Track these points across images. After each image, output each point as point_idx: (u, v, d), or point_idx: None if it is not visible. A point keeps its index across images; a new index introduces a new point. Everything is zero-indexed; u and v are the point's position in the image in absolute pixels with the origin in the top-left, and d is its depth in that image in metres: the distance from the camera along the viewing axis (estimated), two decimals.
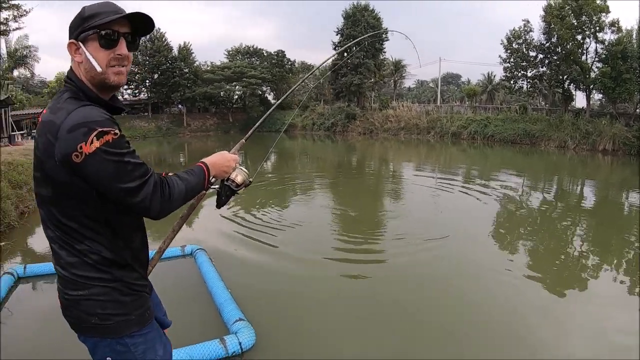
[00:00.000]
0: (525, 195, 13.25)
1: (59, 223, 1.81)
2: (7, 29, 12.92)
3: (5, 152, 17.32)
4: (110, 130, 1.64)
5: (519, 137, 34.68)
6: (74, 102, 1.72)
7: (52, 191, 1.76)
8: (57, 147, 1.63)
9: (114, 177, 1.66)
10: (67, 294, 1.88)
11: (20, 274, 6.61)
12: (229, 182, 2.34)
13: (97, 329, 1.88)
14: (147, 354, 1.97)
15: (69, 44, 1.81)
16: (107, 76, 1.81)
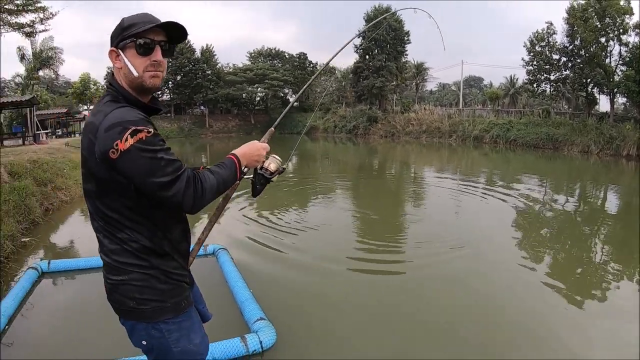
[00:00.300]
0: (548, 200, 13.07)
1: (103, 214, 1.96)
2: (33, 31, 13.13)
3: (30, 150, 17.64)
4: (143, 128, 1.78)
5: (542, 142, 34.12)
6: (112, 105, 1.87)
7: (95, 186, 1.92)
8: (97, 146, 1.78)
9: (148, 172, 1.78)
10: (110, 279, 2.05)
11: (45, 269, 6.76)
12: (262, 170, 2.42)
13: (134, 313, 2.03)
14: (180, 341, 2.10)
15: (110, 52, 1.98)
16: (143, 80, 1.97)
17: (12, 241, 7.99)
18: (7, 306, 5.36)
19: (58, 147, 20.63)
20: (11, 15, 11.69)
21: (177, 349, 2.10)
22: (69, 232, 10.11)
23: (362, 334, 5.11)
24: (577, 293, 6.24)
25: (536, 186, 15.94)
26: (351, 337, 5.01)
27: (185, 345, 2.12)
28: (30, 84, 44.71)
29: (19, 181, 10.86)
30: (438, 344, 4.82)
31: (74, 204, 12.93)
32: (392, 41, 51.92)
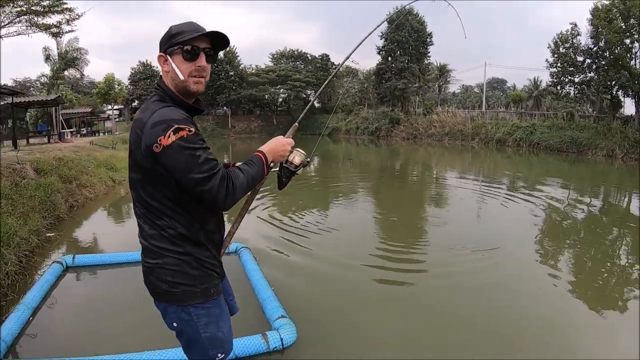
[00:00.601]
0: (571, 205, 12.82)
1: (145, 202, 2.14)
2: (59, 32, 13.36)
3: (56, 148, 17.93)
4: (185, 127, 1.94)
5: (566, 145, 33.46)
6: (159, 104, 2.07)
7: (140, 176, 2.10)
8: (143, 140, 1.96)
9: (186, 167, 1.94)
10: (146, 262, 2.22)
11: (69, 264, 6.87)
12: (287, 164, 2.54)
13: (166, 295, 2.19)
14: (208, 326, 2.24)
15: (159, 57, 2.18)
16: (188, 84, 2.15)
17: (37, 236, 8.13)
18: (31, 298, 5.46)
19: (83, 146, 20.92)
20: (38, 16, 11.89)
21: (205, 334, 2.23)
22: (92, 228, 10.25)
23: (383, 334, 5.11)
24: (599, 302, 6.08)
25: (559, 190, 15.63)
26: (371, 338, 5.02)
27: (213, 331, 2.26)
28: (56, 84, 45.39)
29: (44, 178, 11.03)
30: (458, 348, 4.79)
31: (98, 201, 13.11)
32: (414, 43, 51.69)
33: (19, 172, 10.34)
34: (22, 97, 26.11)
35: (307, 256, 7.85)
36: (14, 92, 22.12)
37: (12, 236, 7.11)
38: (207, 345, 2.26)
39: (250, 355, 4.37)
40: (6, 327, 4.73)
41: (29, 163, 11.56)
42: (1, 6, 10.55)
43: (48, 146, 20.66)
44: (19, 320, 4.93)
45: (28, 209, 8.74)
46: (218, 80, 63.27)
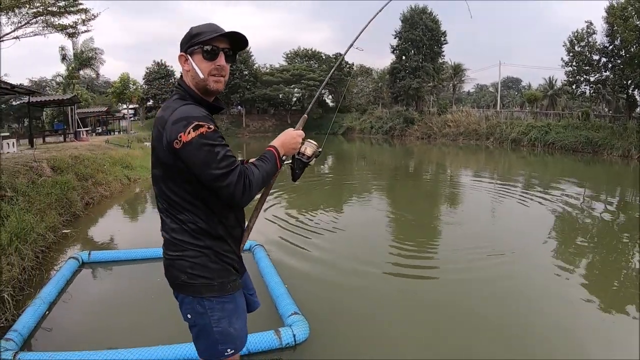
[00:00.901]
0: (586, 206, 12.62)
1: (167, 197, 2.20)
2: (75, 32, 13.50)
3: (72, 147, 18.15)
4: (205, 124, 2.00)
5: (581, 145, 32.94)
6: (180, 102, 2.15)
7: (162, 171, 2.16)
8: (164, 136, 2.03)
9: (204, 163, 2.00)
10: (167, 254, 2.28)
11: (85, 260, 7.00)
12: (299, 155, 2.58)
13: (184, 287, 2.24)
14: (221, 321, 2.26)
15: (180, 56, 2.25)
16: (207, 83, 2.22)
17: (53, 232, 8.25)
18: (47, 293, 5.55)
19: (98, 144, 21.09)
20: (54, 17, 12.03)
21: (217, 328, 2.26)
22: (108, 225, 10.36)
23: (395, 333, 5.12)
24: (613, 307, 5.97)
25: (574, 191, 15.36)
26: (383, 337, 5.03)
27: (225, 327, 2.27)
28: (72, 83, 45.76)
29: (61, 176, 11.16)
30: (471, 349, 4.78)
31: (113, 198, 13.25)
32: (428, 42, 51.49)
33: (36, 170, 10.46)
34: (38, 97, 26.38)
35: (321, 254, 7.87)
36: (30, 92, 22.37)
37: (29, 232, 7.22)
38: (218, 340, 2.28)
39: (263, 350, 4.41)
40: (22, 320, 4.81)
41: (46, 161, 11.69)
42: (18, 7, 10.68)
43: (64, 145, 20.89)
44: (35, 314, 5.02)
45: (45, 206, 8.86)
46: (232, 80, 63.45)
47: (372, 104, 67.35)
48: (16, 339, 4.42)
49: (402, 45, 52.52)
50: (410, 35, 51.01)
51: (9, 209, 7.56)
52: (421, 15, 50.89)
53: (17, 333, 4.52)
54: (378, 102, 67.05)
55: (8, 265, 6.04)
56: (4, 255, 6.15)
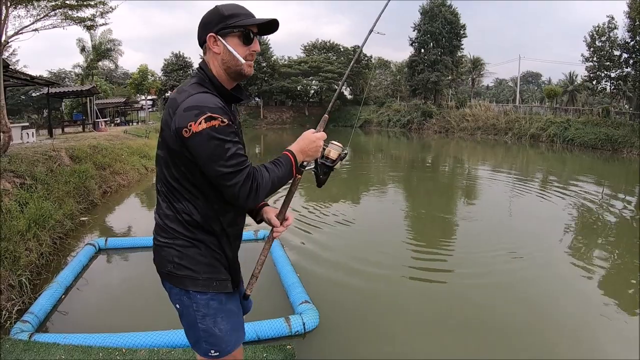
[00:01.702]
0: (605, 205, 12.33)
1: (166, 181, 2.09)
2: (94, 24, 13.58)
3: (90, 137, 18.36)
4: (218, 117, 1.87)
5: (600, 142, 32.21)
6: (197, 88, 1.99)
7: (166, 154, 2.03)
8: (174, 121, 1.91)
9: (211, 157, 1.88)
10: (157, 239, 2.17)
11: (102, 246, 7.17)
12: (323, 159, 2.37)
13: (170, 276, 2.14)
14: (205, 319, 2.14)
15: (209, 37, 2.03)
16: (243, 67, 2.09)
17: (71, 219, 8.38)
18: (64, 278, 5.69)
19: (117, 135, 21.30)
20: (72, 10, 12.12)
21: (201, 325, 2.15)
22: (124, 213, 10.51)
23: (403, 326, 5.16)
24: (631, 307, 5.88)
25: (593, 189, 15.12)
26: (392, 327, 5.07)
27: (209, 325, 2.15)
28: (90, 74, 46.12)
29: (79, 165, 11.32)
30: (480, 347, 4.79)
31: (130, 187, 13.42)
32: (447, 35, 50.98)
33: (55, 159, 10.62)
34: (57, 88, 26.62)
35: (335, 246, 7.92)
36: (49, 83, 22.58)
37: (47, 219, 7.36)
38: (202, 337, 2.17)
39: (273, 337, 4.49)
40: (39, 303, 4.94)
41: (64, 150, 11.87)
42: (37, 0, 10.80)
43: (83, 135, 21.10)
44: (51, 297, 5.15)
45: (63, 194, 9.02)
46: None
47: (390, 97, 67.10)
48: (32, 321, 4.55)
49: (421, 38, 52.10)
50: (429, 28, 50.58)
51: (28, 196, 7.71)
52: (440, 8, 50.42)
53: (34, 315, 4.64)
54: (396, 95, 66.82)
55: (26, 250, 6.18)
56: (23, 241, 6.28)
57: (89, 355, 3.92)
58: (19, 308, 4.99)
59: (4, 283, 5.23)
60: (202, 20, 2.06)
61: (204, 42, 2.07)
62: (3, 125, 9.86)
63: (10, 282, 5.32)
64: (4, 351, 3.89)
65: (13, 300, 5.07)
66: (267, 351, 4.13)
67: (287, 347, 4.21)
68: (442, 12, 50.34)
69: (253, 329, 4.40)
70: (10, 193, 7.52)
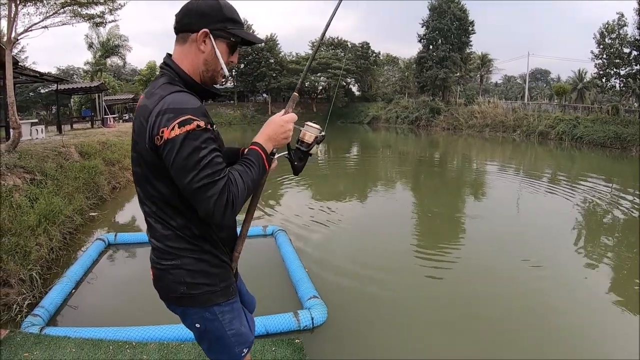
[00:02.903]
0: (613, 204, 12.20)
1: (155, 200, 1.88)
2: (102, 21, 13.58)
3: (99, 133, 18.44)
4: (194, 120, 1.66)
5: (609, 141, 31.87)
6: (168, 88, 1.77)
7: (147, 170, 1.82)
8: (147, 130, 1.70)
9: (183, 168, 1.66)
10: (160, 264, 1.96)
11: (111, 241, 7.24)
12: (298, 144, 2.15)
13: (184, 298, 1.96)
14: (233, 323, 2.06)
15: (203, 32, 1.83)
16: (219, 75, 1.94)
17: (81, 215, 8.44)
18: (74, 272, 5.74)
19: (125, 131, 21.37)
20: (82, 7, 12.14)
21: (231, 331, 2.06)
22: (133, 209, 10.56)
23: (411, 321, 5.21)
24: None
25: (601, 188, 14.93)
26: (399, 323, 5.11)
27: (238, 327, 2.09)
28: (99, 70, 46.33)
29: (88, 161, 11.38)
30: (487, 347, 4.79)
31: None
32: (456, 31, 50.74)
33: (64, 155, 10.67)
34: (66, 84, 26.72)
35: (342, 242, 7.98)
36: (58, 80, 22.67)
37: (58, 214, 7.42)
38: (234, 343, 2.08)
39: (282, 332, 4.52)
40: (49, 297, 4.99)
41: (74, 146, 11.93)
42: None
43: (92, 131, 21.20)
44: (62, 292, 5.20)
45: (73, 189, 9.08)
46: (259, 68, 63.75)
47: (398, 93, 66.95)
48: (43, 315, 4.60)
49: (430, 35, 51.89)
50: (437, 25, 50.36)
51: (38, 192, 7.75)
52: (449, 4, 50.22)
53: (44, 309, 4.69)
54: (404, 92, 66.64)
55: (37, 245, 6.24)
56: (33, 236, 6.33)
57: (99, 348, 3.95)
58: (29, 302, 5.04)
59: (14, 277, 5.29)
60: (198, 8, 1.85)
61: (190, 31, 1.86)
62: (13, 122, 9.93)
63: (21, 276, 5.37)
64: (15, 344, 3.93)
65: (24, 295, 5.12)
66: (276, 345, 4.15)
67: (296, 342, 4.24)
68: (450, 9, 50.11)
69: (262, 324, 4.44)
70: (21, 189, 7.58)
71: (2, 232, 5.87)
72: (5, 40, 9.91)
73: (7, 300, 4.96)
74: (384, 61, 71.91)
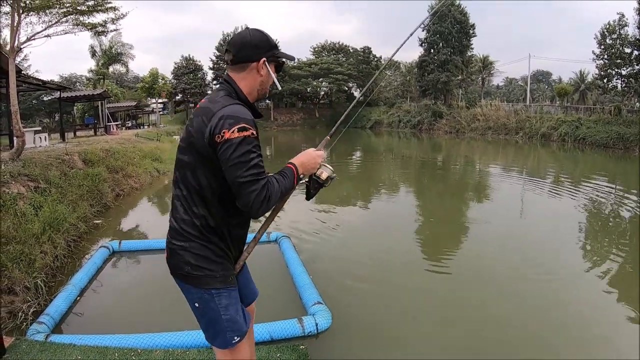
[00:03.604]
0: (617, 204, 12.16)
1: (190, 185, 2.21)
2: (104, 30, 13.62)
3: (102, 140, 18.50)
4: (250, 129, 2.06)
5: (612, 141, 31.76)
6: (230, 100, 2.18)
7: (193, 159, 2.17)
8: (208, 128, 2.07)
9: (237, 164, 2.02)
10: (172, 243, 2.30)
11: (116, 249, 7.25)
12: (316, 176, 2.55)
13: (187, 278, 2.28)
14: (229, 309, 2.31)
15: (263, 61, 2.28)
16: (269, 90, 2.44)
17: (85, 222, 8.47)
18: (79, 280, 5.75)
19: (128, 138, 21.45)
20: (83, 16, 12.17)
21: (225, 316, 2.31)
22: (137, 216, 10.60)
23: (415, 326, 5.19)
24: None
25: (605, 189, 14.89)
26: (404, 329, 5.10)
27: (233, 314, 2.33)
28: (102, 78, 46.48)
29: (92, 168, 11.41)
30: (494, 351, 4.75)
31: (143, 190, 13.52)
32: (457, 34, 50.71)
33: (68, 163, 10.71)
34: (69, 92, 26.83)
35: (346, 247, 7.95)
36: (61, 88, 22.78)
37: (62, 222, 7.44)
38: (226, 328, 2.32)
39: (286, 338, 4.51)
40: (55, 305, 5.00)
41: (77, 154, 11.96)
42: (49, 7, 10.88)
43: (95, 138, 21.25)
44: (67, 299, 5.22)
45: (76, 197, 9.11)
46: None
47: (400, 97, 66.98)
48: (48, 322, 4.61)
49: (431, 38, 51.91)
50: (438, 28, 50.38)
51: (42, 200, 7.78)
52: (449, 8, 50.25)
53: (49, 317, 4.70)
54: (406, 96, 66.68)
55: (41, 253, 6.26)
56: (38, 244, 6.35)
57: (104, 356, 3.95)
58: (34, 310, 5.05)
59: (19, 285, 5.30)
60: (252, 42, 2.27)
61: (250, 61, 2.27)
62: (17, 130, 9.97)
63: (26, 284, 5.39)
64: (20, 352, 3.93)
65: (29, 302, 5.13)
66: (281, 351, 4.15)
67: (300, 348, 4.23)
68: (451, 12, 50.16)
69: (266, 330, 4.44)
70: (25, 197, 7.61)
71: (7, 240, 5.89)
72: (8, 48, 9.95)
73: (12, 307, 4.97)
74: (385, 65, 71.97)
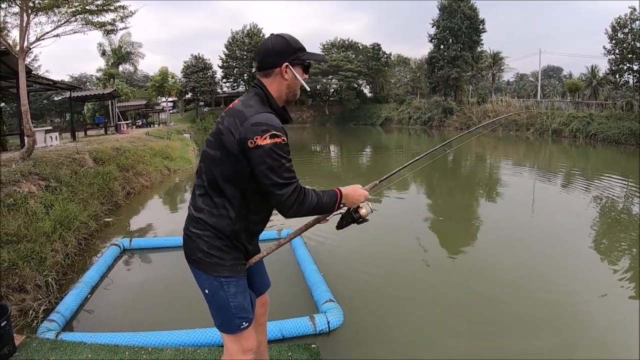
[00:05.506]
0: (629, 202, 12.14)
1: (212, 176, 2.33)
2: (114, 29, 13.64)
3: (113, 139, 18.60)
4: (281, 135, 2.17)
5: (624, 137, 31.11)
6: (262, 106, 2.29)
7: (220, 154, 2.27)
8: (240, 131, 2.17)
9: (270, 168, 2.17)
10: (188, 229, 2.44)
11: (126, 247, 7.26)
12: (352, 210, 2.67)
13: (199, 263, 2.40)
14: (237, 296, 2.43)
15: (286, 66, 2.37)
16: (298, 92, 2.50)
17: (96, 221, 8.49)
18: (90, 277, 5.77)
19: (139, 137, 21.53)
20: (93, 15, 12.19)
21: (234, 302, 2.42)
22: (148, 214, 10.61)
23: (428, 324, 5.14)
24: None
25: (617, 186, 14.64)
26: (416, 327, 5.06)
27: (241, 301, 2.44)
28: (112, 77, 46.68)
29: (103, 167, 11.45)
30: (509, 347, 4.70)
31: (153, 188, 13.55)
32: (467, 30, 50.48)
33: (79, 162, 10.74)
34: (79, 92, 26.98)
35: (358, 245, 7.86)
36: (71, 87, 22.91)
37: (73, 220, 7.46)
38: (234, 313, 2.42)
39: (298, 336, 4.49)
40: (65, 303, 5.01)
41: (88, 153, 12.01)
42: (57, 7, 10.90)
43: (105, 137, 21.36)
44: (77, 297, 5.22)
45: (87, 195, 9.14)
46: None
47: (410, 94, 66.80)
48: (59, 320, 4.61)
49: (440, 34, 51.73)
50: (448, 24, 50.17)
51: (53, 199, 7.80)
52: (459, 3, 50.00)
53: (60, 315, 4.70)
54: (416, 92, 66.48)
55: (52, 251, 6.27)
56: (49, 242, 6.36)
57: (115, 354, 3.95)
58: (45, 308, 5.06)
59: (30, 283, 5.31)
60: (273, 49, 2.37)
61: (274, 67, 2.37)
62: (27, 130, 10.01)
63: (37, 282, 5.40)
64: (31, 350, 3.94)
65: (40, 300, 5.15)
66: (292, 350, 4.13)
67: (312, 346, 4.20)
68: (460, 8, 49.91)
69: (278, 328, 4.42)
70: (36, 195, 7.62)
71: (18, 239, 5.90)
72: (18, 49, 9.98)
73: (23, 306, 4.99)
74: (395, 62, 71.81)
